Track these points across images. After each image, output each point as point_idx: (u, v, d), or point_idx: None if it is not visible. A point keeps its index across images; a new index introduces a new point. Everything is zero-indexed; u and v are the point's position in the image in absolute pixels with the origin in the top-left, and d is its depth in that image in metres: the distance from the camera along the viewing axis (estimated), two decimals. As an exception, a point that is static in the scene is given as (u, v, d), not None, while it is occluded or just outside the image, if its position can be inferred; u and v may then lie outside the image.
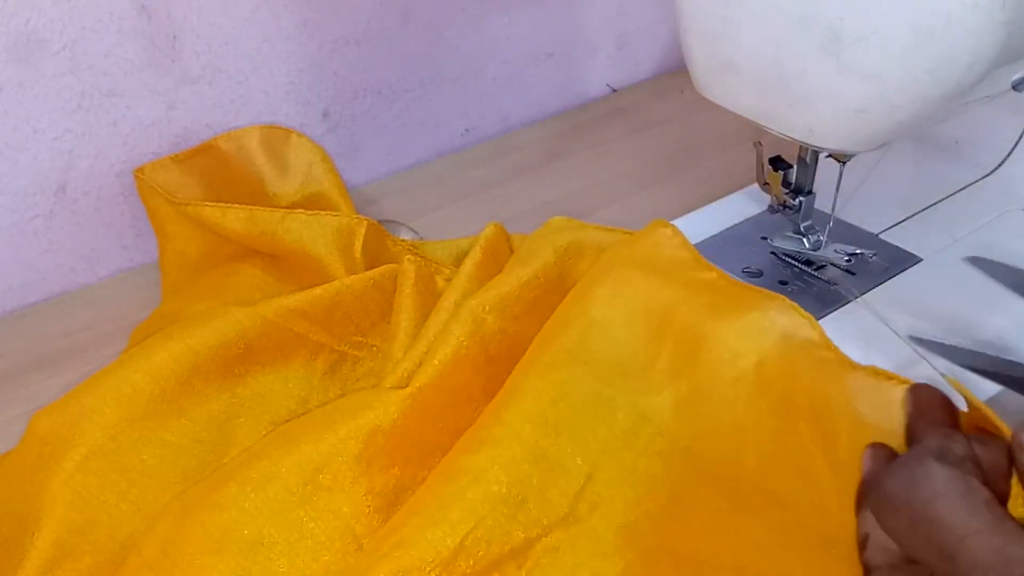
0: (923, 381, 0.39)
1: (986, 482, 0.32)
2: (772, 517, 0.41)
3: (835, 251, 0.53)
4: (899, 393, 0.39)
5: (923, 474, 0.32)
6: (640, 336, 0.48)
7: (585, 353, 0.47)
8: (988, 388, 0.44)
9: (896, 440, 0.38)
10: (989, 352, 0.44)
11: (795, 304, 0.45)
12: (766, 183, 0.55)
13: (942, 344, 0.46)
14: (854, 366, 0.42)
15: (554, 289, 0.52)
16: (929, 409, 0.37)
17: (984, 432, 0.36)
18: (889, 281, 0.53)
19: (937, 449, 0.33)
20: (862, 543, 0.35)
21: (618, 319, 0.48)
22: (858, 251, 0.52)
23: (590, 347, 0.47)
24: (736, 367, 0.44)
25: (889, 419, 0.39)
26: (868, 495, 0.36)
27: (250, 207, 0.59)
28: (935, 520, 0.31)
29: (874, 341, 0.47)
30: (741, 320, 0.45)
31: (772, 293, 0.46)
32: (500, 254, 0.56)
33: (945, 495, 0.31)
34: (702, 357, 0.45)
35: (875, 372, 0.41)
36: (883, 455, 0.37)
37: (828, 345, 0.43)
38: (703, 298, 0.47)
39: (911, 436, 0.37)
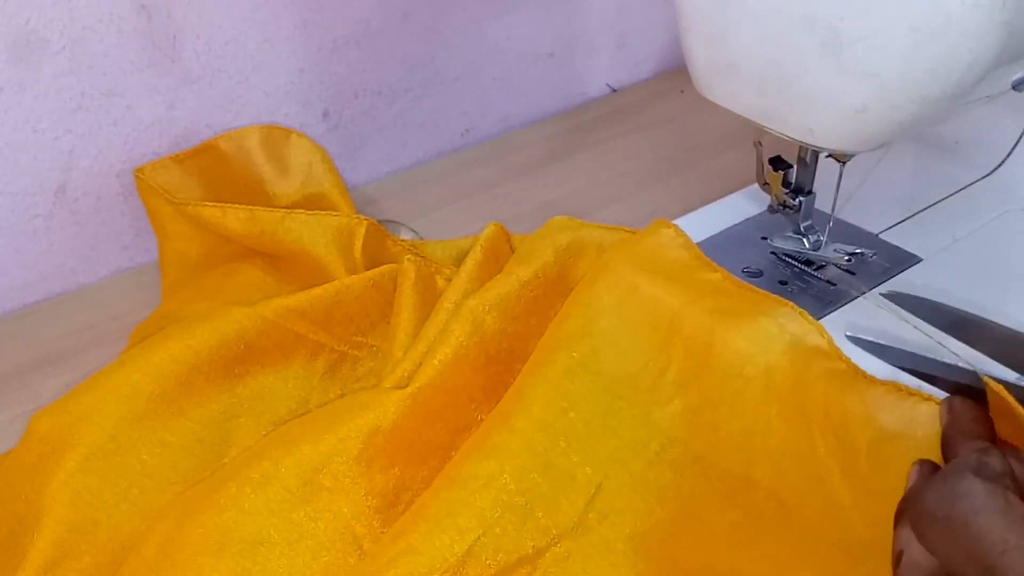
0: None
1: (1022, 497, 0.32)
2: (786, 529, 0.41)
3: (835, 251, 0.53)
4: (924, 408, 0.39)
5: (963, 489, 0.33)
6: (649, 346, 0.47)
7: (596, 364, 0.47)
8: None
9: (921, 455, 0.38)
10: (924, 354, 0.44)
11: (804, 311, 0.45)
12: (766, 183, 0.55)
13: (878, 344, 0.46)
14: (872, 380, 0.41)
15: (554, 289, 0.52)
16: (964, 422, 0.38)
17: (1013, 445, 0.37)
18: (889, 281, 0.53)
19: (976, 464, 0.34)
20: (896, 560, 0.35)
21: (626, 329, 0.48)
22: (858, 250, 0.52)
23: (600, 358, 0.47)
24: (745, 374, 0.44)
25: (913, 435, 0.39)
26: (907, 510, 0.36)
27: (250, 207, 0.59)
28: (974, 534, 0.32)
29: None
30: (750, 326, 0.45)
31: (780, 299, 0.46)
32: (501, 254, 0.56)
33: (984, 510, 0.32)
34: (711, 364, 0.45)
35: (896, 388, 0.40)
36: (929, 471, 0.37)
37: (839, 355, 0.43)
38: (709, 302, 0.47)
39: (947, 448, 0.38)
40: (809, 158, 0.52)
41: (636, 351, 0.48)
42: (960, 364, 0.42)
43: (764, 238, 0.57)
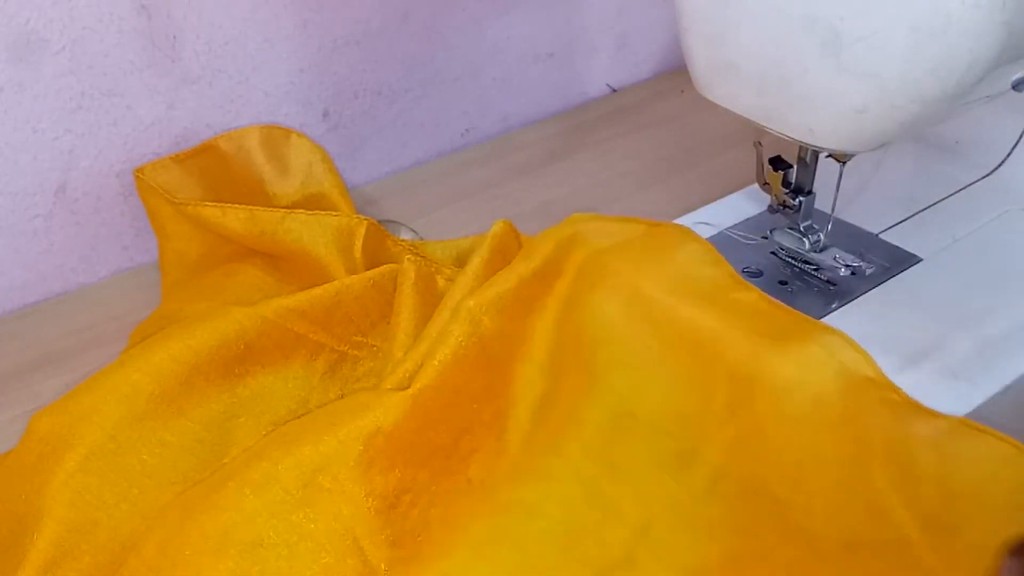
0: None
1: None
2: (846, 564, 0.39)
3: (835, 259, 0.53)
4: (996, 444, 0.39)
5: None
6: (692, 375, 0.47)
7: (639, 405, 0.46)
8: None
9: (994, 493, 0.38)
10: None
11: (853, 340, 0.44)
12: (766, 183, 0.55)
13: None
14: (934, 414, 0.41)
15: (547, 281, 0.51)
16: None
17: None
18: (889, 281, 0.53)
19: None
20: None
21: (667, 360, 0.47)
22: (858, 263, 0.53)
23: (644, 396, 0.47)
24: (794, 402, 0.43)
25: (981, 472, 0.38)
26: None
27: (250, 207, 0.59)
28: None
29: (875, 340, 0.47)
30: (797, 353, 0.44)
31: (828, 326, 0.45)
32: (509, 252, 0.56)
33: None
34: (757, 392, 0.44)
35: (963, 423, 0.40)
36: None
37: (891, 386, 0.42)
38: (749, 324, 0.46)
39: None
40: (809, 158, 0.52)
41: (681, 383, 0.46)
42: None
43: (765, 237, 0.57)
